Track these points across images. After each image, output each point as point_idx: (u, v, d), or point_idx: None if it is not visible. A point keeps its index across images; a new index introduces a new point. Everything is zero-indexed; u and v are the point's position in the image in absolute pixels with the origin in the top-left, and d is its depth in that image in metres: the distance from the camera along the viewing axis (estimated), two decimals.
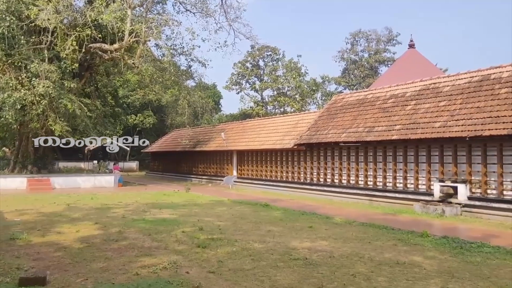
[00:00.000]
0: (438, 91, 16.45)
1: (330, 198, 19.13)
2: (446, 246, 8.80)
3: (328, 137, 19.38)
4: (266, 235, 10.06)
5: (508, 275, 6.61)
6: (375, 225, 11.49)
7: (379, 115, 17.88)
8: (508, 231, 11.13)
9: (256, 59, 51.31)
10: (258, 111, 48.60)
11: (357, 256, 7.86)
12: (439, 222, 12.52)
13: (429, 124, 15.05)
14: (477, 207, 13.48)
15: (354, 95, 21.43)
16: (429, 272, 6.80)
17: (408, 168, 16.32)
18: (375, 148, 17.66)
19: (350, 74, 53.40)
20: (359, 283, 6.16)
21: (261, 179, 25.33)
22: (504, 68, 14.83)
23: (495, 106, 13.50)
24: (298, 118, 25.03)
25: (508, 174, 13.05)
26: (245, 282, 6.22)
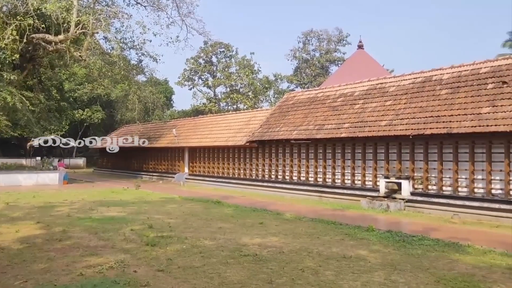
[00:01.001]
0: (384, 91, 17.09)
1: (281, 194, 19.38)
2: (390, 239, 9.18)
3: (279, 134, 19.61)
4: (216, 232, 10.02)
5: (446, 266, 7.00)
6: (324, 221, 11.77)
7: (329, 113, 18.32)
8: (447, 224, 11.79)
9: (209, 55, 50.92)
10: (211, 107, 48.30)
11: (306, 251, 8.02)
12: (384, 217, 13.03)
13: (375, 123, 15.62)
14: (419, 202, 14.17)
15: (305, 94, 21.81)
16: (373, 265, 7.06)
17: (356, 165, 16.85)
18: (325, 146, 18.08)
19: (302, 73, 54.29)
20: (307, 277, 6.29)
21: (213, 176, 25.21)
22: (444, 70, 15.66)
23: (436, 106, 14.23)
24: (250, 115, 25.12)
25: (447, 171, 13.81)
26: (194, 280, 6.17)
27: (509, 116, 11.96)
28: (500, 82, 13.22)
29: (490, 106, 12.74)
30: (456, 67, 15.40)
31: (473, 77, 14.30)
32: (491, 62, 14.42)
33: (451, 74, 15.19)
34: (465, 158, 13.38)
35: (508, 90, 12.79)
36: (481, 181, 13.00)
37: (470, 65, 14.97)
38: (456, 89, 14.34)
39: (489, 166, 12.74)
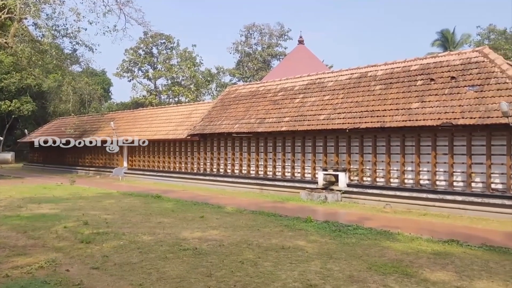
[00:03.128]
0: (323, 86, 17.58)
1: (222, 188, 19.38)
2: (327, 230, 9.50)
3: (221, 127, 19.57)
4: (156, 226, 9.83)
5: (377, 254, 7.37)
6: (264, 213, 11.94)
7: (270, 107, 18.54)
8: (380, 214, 12.41)
9: (149, 47, 49.53)
10: (151, 100, 47.09)
11: (246, 243, 8.09)
12: (322, 208, 13.45)
13: (314, 117, 16.04)
14: (355, 193, 14.79)
15: (247, 87, 21.91)
16: (310, 254, 7.27)
17: (295, 158, 17.23)
18: (266, 139, 18.30)
19: (244, 66, 54.42)
20: (246, 269, 6.35)
21: (154, 170, 24.67)
22: (378, 67, 16.38)
23: (370, 101, 14.87)
24: (192, 108, 24.82)
25: (380, 163, 14.51)
26: (131, 276, 6.01)
27: (436, 111, 12.78)
28: (428, 79, 14.07)
29: (419, 101, 13.53)
30: (389, 64, 16.17)
31: (404, 74, 15.09)
32: (421, 60, 15.29)
33: (385, 71, 15.92)
34: (396, 151, 14.12)
35: (435, 86, 13.65)
36: (410, 172, 13.80)
37: (401, 63, 15.77)
38: (389, 85, 15.07)
39: (418, 158, 13.54)
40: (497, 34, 43.65)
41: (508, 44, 40.26)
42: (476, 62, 13.49)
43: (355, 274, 6.12)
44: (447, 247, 7.93)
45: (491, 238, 8.80)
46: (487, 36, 44.02)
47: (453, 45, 40.27)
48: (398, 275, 6.04)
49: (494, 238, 8.78)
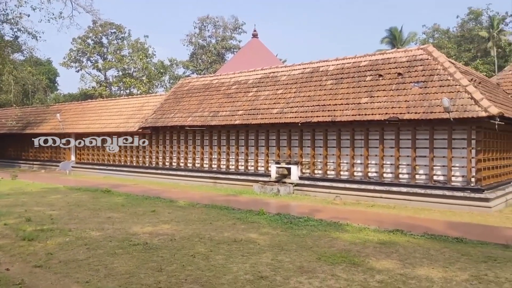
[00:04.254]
0: (276, 80, 17.72)
1: (175, 181, 19.12)
2: (279, 222, 9.63)
3: (174, 120, 19.26)
4: (105, 222, 9.55)
5: (327, 244, 7.57)
6: (217, 206, 11.91)
7: (223, 100, 18.46)
8: (330, 205, 12.74)
9: (99, 36, 47.72)
10: (101, 91, 45.50)
11: (198, 237, 8.04)
12: (274, 201, 13.61)
13: (268, 110, 16.15)
14: (307, 186, 15.07)
15: (200, 80, 21.68)
16: (262, 247, 7.34)
17: (249, 151, 17.29)
18: (219, 132, 18.22)
19: (198, 59, 53.77)
20: (197, 263, 6.31)
21: (103, 164, 23.91)
22: (330, 62, 16.73)
23: (322, 96, 15.18)
24: (143, 101, 24.24)
25: (331, 156, 14.86)
26: (77, 274, 5.80)
27: (384, 106, 13.25)
28: (377, 75, 14.55)
29: (368, 96, 13.96)
30: (341, 59, 16.54)
31: (354, 69, 15.51)
32: (370, 57, 15.77)
33: (336, 66, 16.29)
34: (346, 145, 14.51)
35: (383, 82, 14.14)
36: (360, 165, 14.24)
37: (352, 58, 16.19)
38: (340, 80, 15.44)
39: (367, 152, 14.00)
40: (440, 33, 45.88)
41: (450, 43, 42.43)
42: (421, 59, 14.10)
43: (305, 264, 6.25)
44: (392, 236, 8.28)
45: (432, 227, 9.28)
46: (431, 35, 46.17)
47: (401, 43, 41.87)
48: (346, 265, 6.23)
49: (435, 227, 9.25)
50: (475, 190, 11.77)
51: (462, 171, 12.28)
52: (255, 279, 5.58)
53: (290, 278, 5.63)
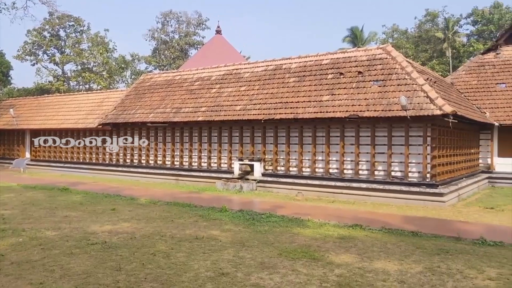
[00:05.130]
0: (239, 76, 17.71)
1: (137, 179, 18.76)
2: (241, 218, 9.64)
3: (135, 117, 18.88)
4: (62, 221, 9.24)
5: (288, 240, 7.65)
6: (179, 204, 11.78)
7: (186, 97, 18.27)
8: (292, 201, 12.88)
9: (56, 29, 45.91)
10: (59, 86, 43.82)
11: (158, 235, 7.93)
12: (237, 197, 13.62)
13: (231, 107, 16.12)
14: (269, 182, 15.17)
15: (163, 76, 21.35)
16: (224, 243, 7.33)
17: (212, 148, 17.20)
18: (182, 129, 18.02)
19: (160, 54, 52.84)
20: (158, 261, 6.22)
21: (61, 162, 23.11)
22: (293, 60, 16.89)
23: (285, 93, 15.30)
24: (103, 96, 23.62)
25: (293, 153, 15.03)
26: (31, 275, 5.58)
27: (344, 103, 13.52)
28: (338, 73, 14.82)
29: (329, 94, 14.21)
30: (303, 57, 16.74)
31: (316, 67, 15.73)
32: (331, 55, 16.05)
33: (298, 64, 16.46)
34: (308, 141, 14.71)
35: (344, 80, 14.42)
36: (321, 162, 14.48)
37: (314, 56, 16.42)
38: (302, 77, 15.62)
39: (328, 149, 14.25)
40: (399, 34, 47.28)
41: (408, 43, 43.81)
42: (380, 58, 14.48)
43: (266, 260, 6.30)
44: (352, 231, 8.48)
45: (390, 221, 9.58)
46: (391, 35, 47.48)
47: (362, 42, 42.82)
48: (306, 260, 6.33)
49: (392, 222, 9.56)
50: (430, 185, 12.24)
51: (418, 167, 12.73)
52: (216, 276, 5.57)
53: (251, 274, 5.65)
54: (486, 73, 19.52)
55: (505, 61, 19.46)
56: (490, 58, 20.06)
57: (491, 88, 18.80)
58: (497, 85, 18.75)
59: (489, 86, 18.92)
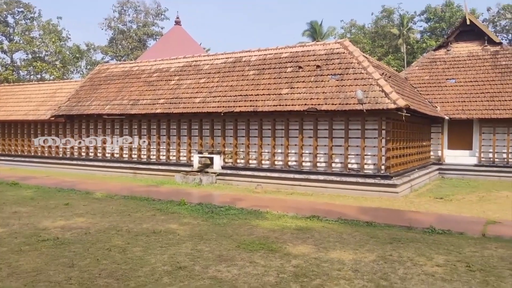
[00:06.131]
0: (199, 68, 17.52)
1: (92, 172, 18.21)
2: (200, 212, 9.59)
3: (91, 108, 18.28)
4: (10, 217, 8.83)
5: (247, 232, 7.69)
6: (137, 198, 11.56)
7: (144, 88, 17.88)
8: (252, 194, 12.94)
9: (3, 15, 43.58)
10: (7, 76, 41.68)
11: (114, 230, 7.75)
12: (196, 191, 13.52)
13: (190, 99, 15.93)
14: (229, 175, 15.16)
15: (120, 66, 20.77)
16: (182, 237, 7.27)
17: (171, 141, 16.95)
18: (140, 121, 17.63)
19: (117, 44, 51.34)
20: (113, 256, 6.08)
21: (10, 155, 22.04)
22: (253, 53, 16.88)
23: (244, 86, 15.29)
24: (56, 87, 22.68)
25: (253, 146, 15.08)
26: None
27: (303, 97, 13.68)
28: (297, 66, 14.97)
29: (288, 87, 14.33)
30: (263, 50, 16.77)
31: (276, 60, 15.81)
32: (291, 48, 16.17)
33: (258, 57, 16.48)
34: (268, 134, 14.80)
35: (303, 74, 14.58)
36: (280, 154, 14.62)
37: (274, 50, 16.48)
38: (262, 70, 15.65)
39: (287, 141, 14.40)
40: (357, 29, 48.33)
41: (366, 39, 44.90)
42: (338, 53, 14.74)
43: (224, 253, 6.31)
44: (309, 222, 8.63)
45: (346, 212, 9.83)
46: (349, 30, 48.47)
47: (321, 36, 43.44)
48: (264, 251, 6.39)
49: (348, 213, 9.81)
50: (385, 177, 12.66)
51: (373, 160, 13.12)
52: (173, 270, 5.52)
53: (209, 267, 5.64)
54: (438, 69, 20.36)
55: (455, 58, 20.36)
56: (441, 55, 20.92)
57: (442, 83, 19.64)
58: (447, 81, 19.61)
59: (440, 81, 19.76)
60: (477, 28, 20.44)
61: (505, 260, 6.08)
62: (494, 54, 19.61)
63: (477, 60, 19.75)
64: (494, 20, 43.34)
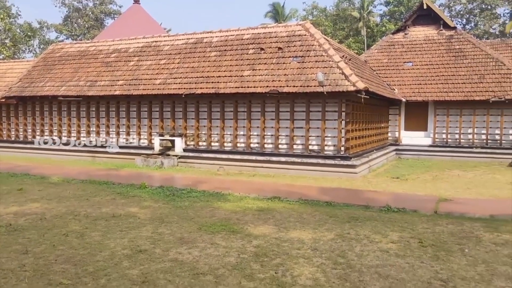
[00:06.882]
0: (159, 49, 17.10)
1: (48, 156, 17.57)
2: (161, 195, 9.49)
3: (44, 90, 17.52)
4: None
5: (208, 214, 7.70)
6: (96, 181, 11.29)
7: (102, 69, 17.30)
8: (214, 176, 12.93)
9: None
10: None
11: (72, 215, 7.55)
12: (158, 174, 13.35)
13: (150, 81, 15.58)
14: (191, 158, 15.04)
15: (75, 46, 19.94)
16: (143, 220, 7.19)
17: (131, 123, 16.57)
18: (98, 103, 17.09)
19: (73, 23, 49.21)
20: (70, 242, 5.94)
21: None
22: (214, 34, 16.64)
23: (206, 67, 15.09)
24: (6, 67, 21.54)
25: (215, 128, 14.98)
26: None
27: (265, 79, 13.68)
28: (259, 48, 14.90)
29: (250, 69, 14.27)
30: (224, 31, 16.55)
31: (237, 42, 15.66)
32: (252, 30, 16.04)
33: (220, 38, 16.26)
34: (230, 116, 14.73)
35: (265, 56, 14.55)
36: (242, 136, 14.62)
37: (235, 31, 16.30)
38: (224, 52, 15.48)
39: (249, 123, 14.40)
40: (319, 11, 48.54)
41: (327, 21, 45.22)
42: (299, 35, 14.78)
43: (186, 235, 6.29)
44: (270, 203, 8.74)
45: (306, 193, 10.01)
46: (311, 12, 48.62)
47: (283, 18, 43.39)
48: (226, 233, 6.42)
49: (309, 193, 10.00)
50: (344, 158, 12.95)
51: (333, 141, 13.37)
52: (133, 254, 5.46)
53: (170, 250, 5.62)
54: (396, 52, 20.85)
55: (412, 41, 20.90)
56: (399, 38, 21.40)
57: (399, 66, 20.16)
58: (405, 64, 20.14)
59: (398, 64, 20.27)
60: (434, 13, 21.00)
61: (455, 235, 6.42)
62: (448, 38, 20.28)
63: (433, 44, 20.37)
64: (450, 5, 44.69)
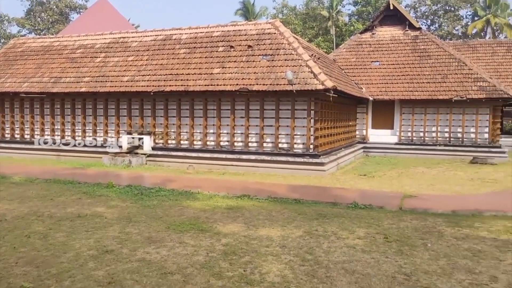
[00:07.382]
0: (127, 45, 16.79)
1: (9, 155, 16.92)
2: (129, 194, 9.34)
3: (5, 86, 16.89)
4: None
5: (177, 213, 7.63)
6: (61, 181, 10.99)
7: (67, 65, 16.83)
8: (183, 175, 12.81)
9: None
10: None
11: (35, 215, 7.32)
12: (126, 172, 13.11)
13: (118, 78, 15.28)
14: (160, 156, 14.85)
15: (38, 41, 19.31)
16: (109, 220, 7.05)
17: (98, 121, 16.19)
18: (63, 100, 16.61)
19: (36, 17, 47.51)
20: (33, 243, 5.76)
21: None
22: (183, 31, 16.48)
23: (175, 65, 14.93)
24: None
25: (184, 126, 14.85)
26: None
27: (235, 77, 13.66)
28: (229, 46, 14.86)
29: (220, 67, 14.21)
30: (194, 28, 16.41)
31: (207, 39, 15.57)
32: (222, 27, 15.98)
33: (189, 35, 16.12)
34: (199, 114, 14.62)
35: (235, 54, 14.52)
36: (212, 134, 14.55)
37: (205, 28, 16.20)
38: (193, 49, 15.35)
39: (219, 121, 14.35)
40: (289, 10, 48.83)
41: (297, 20, 45.55)
42: (269, 33, 14.83)
43: (154, 235, 6.22)
44: (240, 201, 8.76)
45: (276, 191, 10.08)
46: (281, 11, 48.84)
47: (253, 16, 43.42)
48: (194, 231, 6.39)
49: (278, 191, 10.07)
50: (313, 155, 13.11)
51: (302, 139, 13.51)
52: (99, 254, 5.35)
53: (138, 250, 5.54)
54: (363, 52, 21.25)
55: (379, 41, 21.35)
56: (367, 38, 21.82)
57: (367, 65, 20.57)
58: (372, 63, 20.57)
59: (366, 63, 20.67)
60: (400, 13, 21.53)
61: (418, 230, 6.62)
62: (414, 38, 20.83)
63: (399, 44, 20.88)
64: (415, 6, 45.91)
